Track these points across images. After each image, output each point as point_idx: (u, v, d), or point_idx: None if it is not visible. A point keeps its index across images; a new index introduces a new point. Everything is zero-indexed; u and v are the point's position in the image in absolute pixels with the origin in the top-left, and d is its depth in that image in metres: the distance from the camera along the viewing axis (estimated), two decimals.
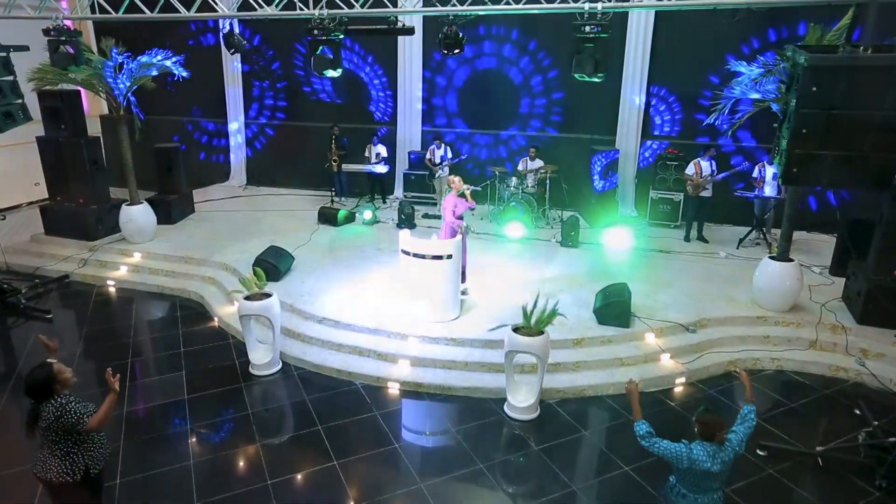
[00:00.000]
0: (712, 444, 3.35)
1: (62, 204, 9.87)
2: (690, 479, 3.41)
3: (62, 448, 3.58)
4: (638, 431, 3.49)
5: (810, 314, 7.22)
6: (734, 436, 3.45)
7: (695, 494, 3.41)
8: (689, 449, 3.36)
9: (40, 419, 3.53)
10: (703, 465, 3.30)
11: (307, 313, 7.12)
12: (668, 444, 3.40)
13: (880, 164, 4.14)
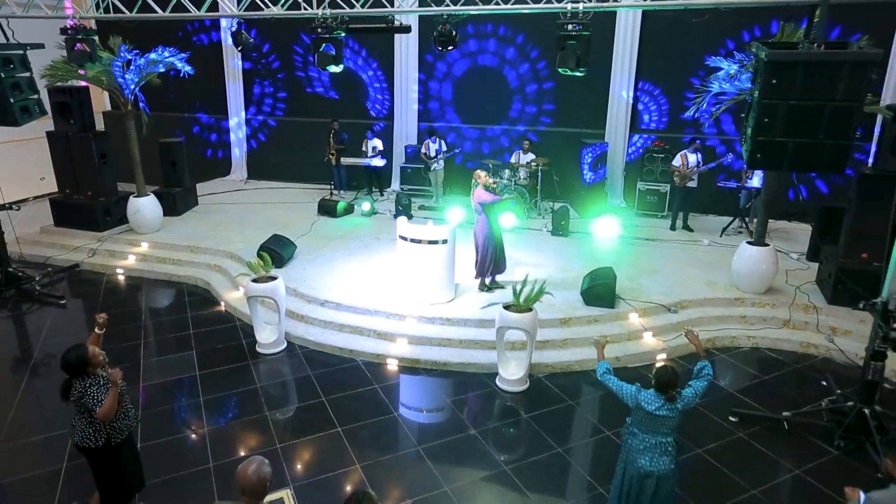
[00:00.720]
0: (661, 396, 3.73)
1: (71, 196, 10.24)
2: (639, 419, 3.80)
3: (87, 417, 3.96)
4: (598, 368, 3.97)
5: (785, 296, 7.66)
6: (689, 390, 3.83)
7: (643, 434, 3.79)
8: (639, 390, 3.76)
9: (71, 392, 3.93)
10: (647, 407, 3.70)
11: (310, 297, 7.52)
12: (622, 382, 3.84)
13: (834, 150, 4.55)
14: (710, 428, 5.61)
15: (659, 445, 3.80)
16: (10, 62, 7.02)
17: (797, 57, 4.42)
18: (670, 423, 3.78)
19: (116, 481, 4.24)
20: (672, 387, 3.73)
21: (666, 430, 3.80)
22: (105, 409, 3.83)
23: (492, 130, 12.32)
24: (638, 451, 3.83)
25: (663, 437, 3.81)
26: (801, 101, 4.48)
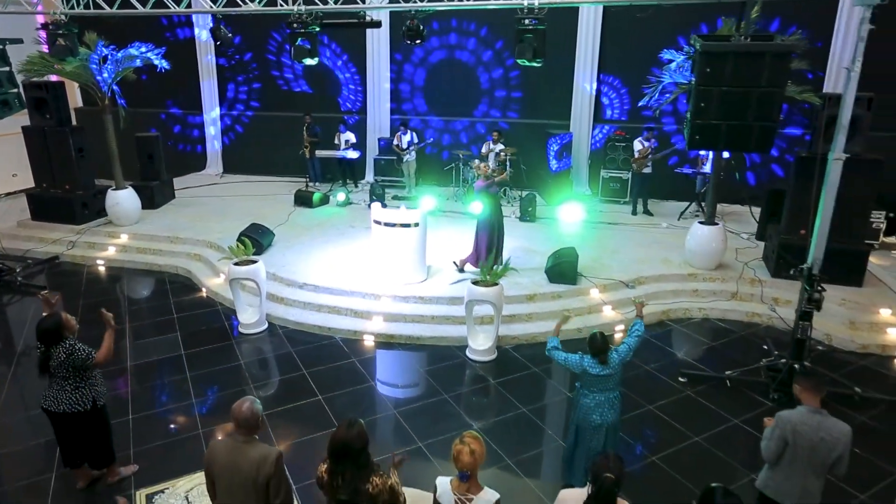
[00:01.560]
0: (595, 359, 4.20)
1: (48, 190, 10.39)
2: (588, 381, 4.27)
3: (72, 383, 4.23)
4: (548, 343, 4.42)
5: (734, 271, 8.27)
6: (623, 346, 4.30)
7: (592, 393, 4.26)
8: (582, 358, 4.23)
9: (51, 360, 4.17)
10: (592, 371, 4.17)
11: (289, 280, 7.88)
12: (567, 354, 4.31)
13: (761, 132, 5.11)
14: (661, 388, 6.15)
15: (608, 401, 4.27)
16: None
17: (727, 48, 4.96)
18: (614, 379, 4.26)
19: (106, 441, 4.57)
20: (603, 351, 4.19)
21: (612, 386, 4.27)
22: (104, 350, 4.17)
23: (462, 122, 12.76)
24: (590, 408, 4.27)
25: (611, 392, 4.28)
26: (731, 87, 5.03)
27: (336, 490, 2.99)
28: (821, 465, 3.34)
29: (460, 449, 2.97)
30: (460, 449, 2.97)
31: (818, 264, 5.57)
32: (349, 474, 2.97)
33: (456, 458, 2.97)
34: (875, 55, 5.45)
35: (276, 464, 3.16)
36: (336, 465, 2.99)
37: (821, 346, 6.96)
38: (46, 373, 4.24)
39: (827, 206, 5.47)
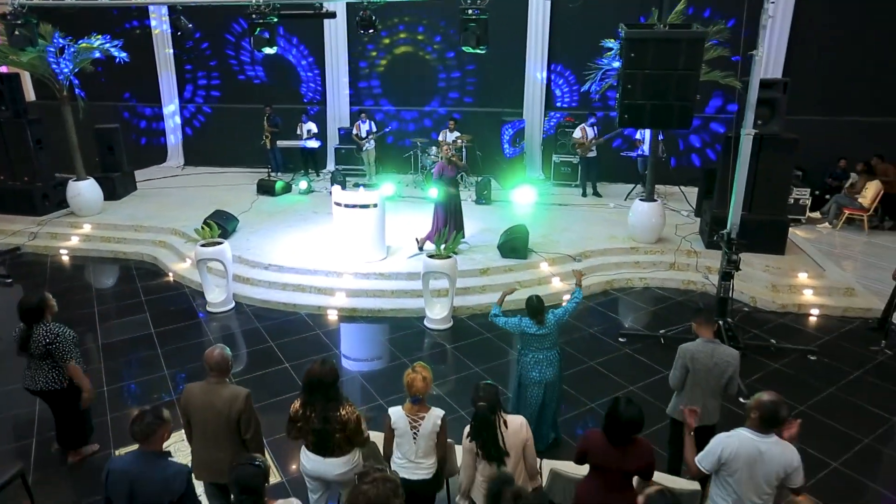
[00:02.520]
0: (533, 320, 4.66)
1: (6, 182, 10.41)
2: (526, 341, 4.72)
3: (49, 363, 4.45)
4: (491, 311, 4.85)
5: (672, 244, 8.96)
6: (560, 309, 4.75)
7: (532, 352, 4.71)
8: (521, 320, 4.68)
9: (31, 340, 4.37)
10: (529, 331, 4.61)
11: (254, 262, 8.22)
12: (507, 318, 4.76)
13: (681, 110, 5.69)
14: (601, 347, 6.75)
15: (546, 359, 4.69)
16: None
17: (647, 35, 5.53)
18: (551, 339, 4.69)
19: (81, 418, 4.81)
20: (539, 312, 4.62)
21: (548, 345, 4.71)
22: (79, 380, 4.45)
23: (419, 111, 13.19)
24: (530, 366, 4.72)
25: (548, 351, 4.71)
26: (653, 70, 5.58)
27: (309, 419, 3.43)
28: (717, 387, 3.93)
29: (413, 377, 3.43)
30: (413, 377, 3.43)
31: (735, 229, 6.22)
32: (320, 405, 3.41)
33: (410, 385, 3.43)
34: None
35: (245, 401, 3.57)
36: (309, 396, 3.43)
37: (746, 308, 7.69)
38: (25, 352, 4.45)
39: (741, 178, 6.10)
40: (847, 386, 5.99)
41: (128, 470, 3.00)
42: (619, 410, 3.16)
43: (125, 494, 2.99)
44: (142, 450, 3.03)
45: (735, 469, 3.05)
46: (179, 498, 2.94)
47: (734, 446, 3.04)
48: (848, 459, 4.93)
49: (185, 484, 2.97)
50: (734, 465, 3.04)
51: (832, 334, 7.05)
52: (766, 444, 3.03)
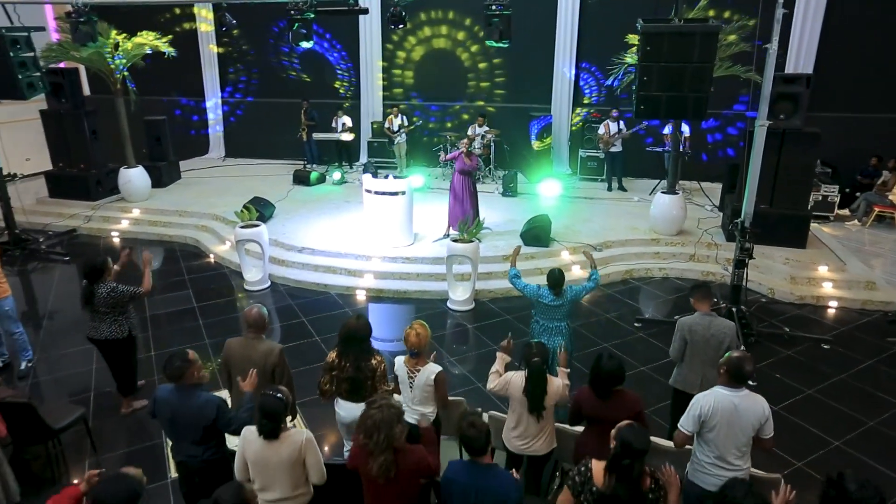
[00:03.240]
0: (553, 292, 4.96)
1: (64, 169, 11.19)
2: (540, 310, 5.03)
3: (111, 316, 5.04)
4: (510, 273, 5.19)
5: (693, 236, 9.11)
6: (578, 287, 5.04)
7: (543, 321, 5.02)
8: (539, 288, 5.00)
9: (94, 296, 4.97)
10: (544, 300, 4.92)
11: (289, 245, 8.71)
12: (526, 283, 5.09)
13: (695, 102, 5.92)
14: (617, 331, 7.01)
15: (555, 329, 4.99)
16: (17, 43, 7.98)
17: (663, 29, 5.77)
18: (562, 311, 4.99)
19: (133, 367, 5.39)
20: (559, 285, 4.93)
21: (559, 317, 5.01)
22: (146, 283, 5.04)
23: (449, 106, 13.57)
24: (538, 333, 5.04)
25: (558, 322, 5.00)
26: (668, 63, 5.84)
27: (343, 368, 3.85)
28: (715, 357, 4.18)
29: (408, 332, 3.84)
30: (408, 332, 3.84)
31: (749, 219, 6.40)
32: (354, 356, 3.83)
33: (406, 339, 3.85)
34: None
35: (279, 355, 4.00)
36: (344, 347, 3.86)
37: (764, 299, 7.83)
38: (89, 305, 5.03)
39: (754, 169, 6.27)
40: (858, 373, 6.11)
41: (169, 399, 3.50)
42: (601, 364, 3.48)
43: (168, 419, 3.51)
44: (177, 385, 3.48)
45: (713, 425, 3.32)
46: (212, 422, 3.39)
47: (711, 402, 3.32)
48: (850, 439, 5.10)
49: (215, 411, 3.44)
50: (712, 421, 3.31)
51: (848, 325, 7.15)
52: (739, 397, 3.30)
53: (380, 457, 2.89)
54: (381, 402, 2.95)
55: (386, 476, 2.91)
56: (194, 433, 3.45)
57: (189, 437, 3.47)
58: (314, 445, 3.21)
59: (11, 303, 5.94)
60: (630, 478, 2.68)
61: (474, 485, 2.92)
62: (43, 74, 8.46)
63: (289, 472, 3.15)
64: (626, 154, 11.46)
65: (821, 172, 10.80)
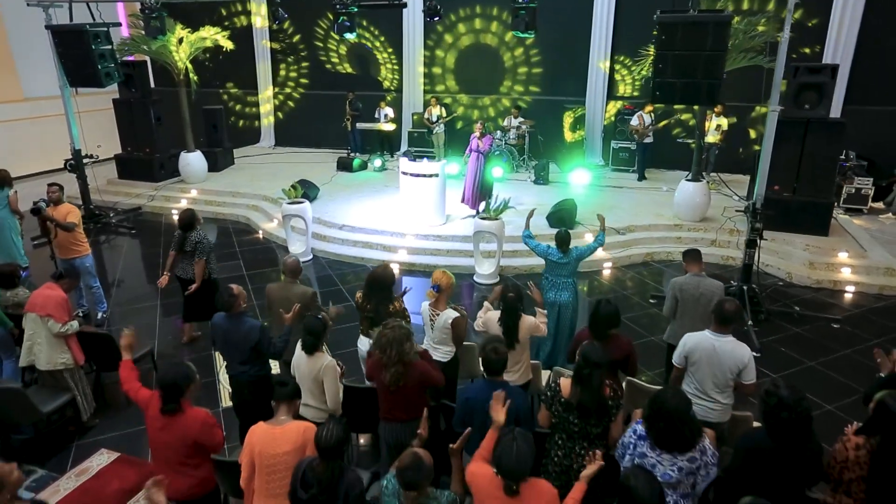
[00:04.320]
0: (560, 250, 5.48)
1: (132, 153, 12.27)
2: (549, 267, 5.56)
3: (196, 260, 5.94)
4: (523, 234, 5.75)
5: (717, 223, 9.39)
6: (583, 246, 5.58)
7: (551, 277, 5.54)
8: (549, 247, 5.53)
9: (185, 241, 5.92)
10: (552, 258, 5.45)
11: (330, 223, 9.44)
12: (538, 242, 5.63)
13: (709, 88, 6.27)
14: (631, 305, 7.42)
15: (562, 284, 5.53)
16: (98, 37, 8.96)
17: (677, 19, 6.16)
18: (569, 268, 5.52)
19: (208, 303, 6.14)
20: (566, 244, 5.46)
21: (566, 273, 5.54)
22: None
23: (487, 98, 14.10)
24: (547, 288, 5.57)
25: (565, 278, 5.54)
26: (683, 51, 6.21)
27: (365, 309, 4.47)
28: (705, 314, 4.59)
29: (438, 273, 4.41)
30: (438, 273, 4.41)
31: (760, 200, 6.72)
32: (375, 299, 4.45)
33: (434, 278, 4.40)
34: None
35: (313, 297, 4.66)
36: (369, 290, 4.48)
37: (781, 283, 8.08)
38: (180, 250, 6.00)
39: (765, 152, 6.58)
40: (864, 350, 6.33)
41: (221, 325, 4.24)
42: (599, 309, 3.98)
43: (222, 341, 4.28)
44: (228, 314, 4.19)
45: (695, 361, 3.79)
46: (256, 343, 4.13)
47: (695, 341, 3.80)
48: (843, 405, 5.41)
49: (258, 333, 4.17)
50: (694, 357, 3.79)
51: (862, 308, 7.36)
52: (721, 342, 3.75)
53: (392, 368, 3.49)
54: (393, 324, 3.55)
55: (396, 384, 3.51)
56: (241, 353, 4.16)
57: (237, 357, 4.19)
58: (333, 373, 3.83)
59: (91, 260, 6.84)
60: (591, 386, 3.19)
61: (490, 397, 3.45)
62: (118, 65, 9.41)
63: (315, 386, 3.79)
64: (655, 145, 11.74)
65: (856, 165, 10.84)
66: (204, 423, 3.23)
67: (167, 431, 3.20)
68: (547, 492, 2.67)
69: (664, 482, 2.91)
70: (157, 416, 3.22)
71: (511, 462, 2.59)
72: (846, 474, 2.96)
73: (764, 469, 2.98)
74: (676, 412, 2.88)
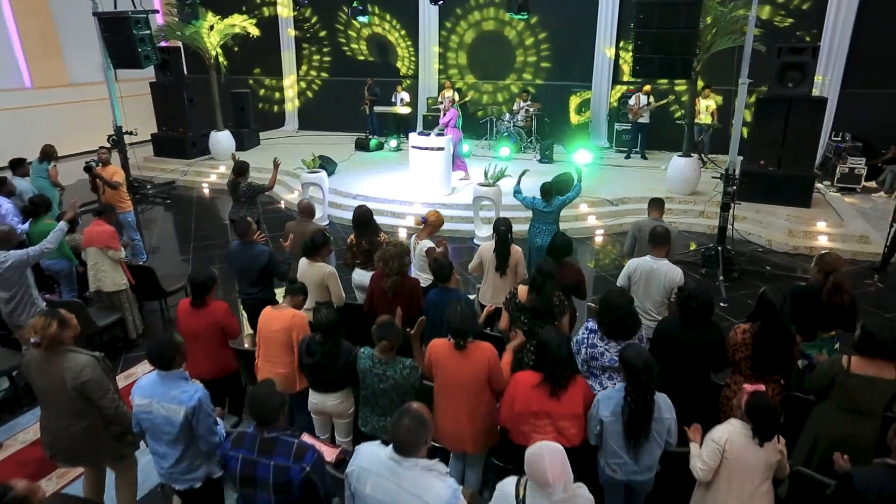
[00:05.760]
0: (543, 199, 6.22)
1: (167, 132, 13.29)
2: (535, 216, 6.32)
3: (246, 206, 6.88)
4: (514, 189, 6.47)
5: (706, 196, 9.97)
6: (564, 195, 6.31)
7: (538, 224, 6.28)
8: (534, 199, 6.28)
9: (239, 187, 6.87)
10: (538, 207, 6.21)
11: (346, 192, 10.30)
12: (525, 195, 6.36)
13: (682, 63, 6.95)
14: (615, 265, 8.09)
15: (547, 230, 6.26)
16: (139, 22, 9.89)
17: (653, 0, 6.82)
18: (552, 216, 6.27)
19: None
20: (549, 194, 6.23)
21: (551, 221, 6.29)
22: (272, 181, 7.01)
23: (497, 83, 14.80)
24: (535, 234, 6.34)
25: (550, 224, 6.29)
26: (659, 29, 6.89)
27: (360, 245, 5.27)
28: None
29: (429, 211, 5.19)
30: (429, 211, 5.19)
31: (734, 167, 7.33)
32: (366, 236, 5.24)
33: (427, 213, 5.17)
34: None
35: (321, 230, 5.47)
36: (357, 231, 5.27)
37: (760, 249, 8.68)
38: (234, 193, 6.97)
39: (736, 122, 7.16)
40: None
41: (236, 250, 5.13)
42: (555, 239, 4.73)
43: (236, 266, 5.16)
44: (242, 241, 5.03)
45: (636, 280, 4.52)
46: (265, 266, 4.94)
47: (636, 263, 4.56)
48: None
49: (266, 257, 5.00)
50: (635, 277, 4.52)
51: None
52: (658, 264, 4.47)
53: (392, 277, 4.29)
54: (395, 242, 4.36)
55: (394, 291, 4.30)
56: (251, 276, 4.99)
57: (248, 279, 5.02)
58: (335, 278, 4.67)
59: (132, 216, 7.80)
60: (543, 293, 3.93)
61: (442, 300, 4.22)
62: (155, 49, 10.36)
63: (316, 289, 4.61)
64: (652, 126, 12.33)
65: (851, 146, 11.29)
66: (226, 311, 4.08)
67: (197, 319, 4.04)
68: (488, 348, 3.44)
69: (610, 366, 3.66)
70: (189, 310, 4.07)
71: (457, 321, 3.37)
72: (737, 355, 3.65)
73: (674, 350, 3.69)
74: (622, 306, 3.61)
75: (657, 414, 2.99)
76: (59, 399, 3.27)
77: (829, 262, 4.36)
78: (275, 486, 2.63)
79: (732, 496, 2.82)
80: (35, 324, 3.19)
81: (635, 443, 2.98)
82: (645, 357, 3.00)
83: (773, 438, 2.81)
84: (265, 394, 2.72)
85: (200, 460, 3.12)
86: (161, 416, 3.00)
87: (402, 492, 2.37)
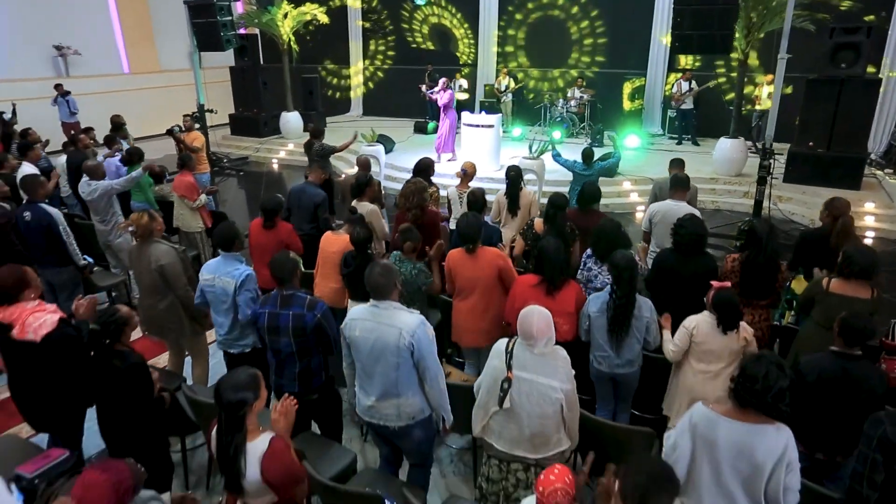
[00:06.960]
0: (583, 163, 6.67)
1: (242, 113, 14.48)
2: (575, 179, 6.76)
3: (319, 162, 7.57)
4: (553, 153, 6.93)
5: (751, 178, 10.01)
6: (606, 161, 6.74)
7: (577, 186, 6.73)
8: (575, 162, 6.73)
9: (312, 147, 7.75)
10: (577, 170, 6.66)
11: (400, 167, 11.02)
12: (566, 158, 6.81)
13: (722, 38, 7.19)
14: None
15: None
16: (222, 9, 10.98)
17: None
18: (592, 179, 6.70)
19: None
20: (590, 157, 6.68)
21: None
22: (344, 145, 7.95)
23: (554, 70, 15.17)
24: (573, 197, 6.80)
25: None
26: (699, 6, 7.17)
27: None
28: None
29: (465, 162, 5.79)
30: (465, 162, 5.79)
31: (770, 141, 7.50)
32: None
33: (463, 165, 5.78)
34: None
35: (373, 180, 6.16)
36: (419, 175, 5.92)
37: (801, 228, 8.71)
38: (308, 153, 7.94)
39: (775, 97, 7.34)
40: None
41: (297, 188, 5.89)
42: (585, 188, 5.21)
43: (296, 203, 5.84)
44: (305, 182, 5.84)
45: (657, 222, 4.94)
46: (320, 202, 5.70)
47: (657, 205, 4.99)
48: None
49: (321, 197, 5.75)
50: (656, 219, 4.96)
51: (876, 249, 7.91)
52: (678, 206, 4.88)
53: (413, 210, 4.91)
54: (414, 180, 4.98)
55: (415, 222, 4.92)
56: (306, 213, 5.71)
57: (304, 216, 5.75)
58: (377, 216, 5.35)
59: (208, 177, 8.79)
60: (556, 223, 4.44)
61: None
62: (235, 34, 11.44)
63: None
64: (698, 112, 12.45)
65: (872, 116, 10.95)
66: (290, 231, 4.83)
67: (266, 237, 4.80)
68: (496, 252, 4.00)
69: (602, 288, 4.14)
70: (260, 229, 4.84)
71: (464, 227, 3.95)
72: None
73: (670, 278, 4.12)
74: (611, 231, 4.09)
75: (637, 312, 3.46)
76: (147, 280, 4.22)
77: (838, 206, 4.63)
78: (293, 329, 3.35)
79: (699, 376, 3.27)
80: (132, 217, 4.12)
81: (617, 336, 3.46)
82: (628, 258, 3.47)
83: (737, 328, 3.23)
84: (282, 259, 3.45)
85: (249, 330, 3.91)
86: (220, 288, 3.86)
87: (381, 326, 2.99)
